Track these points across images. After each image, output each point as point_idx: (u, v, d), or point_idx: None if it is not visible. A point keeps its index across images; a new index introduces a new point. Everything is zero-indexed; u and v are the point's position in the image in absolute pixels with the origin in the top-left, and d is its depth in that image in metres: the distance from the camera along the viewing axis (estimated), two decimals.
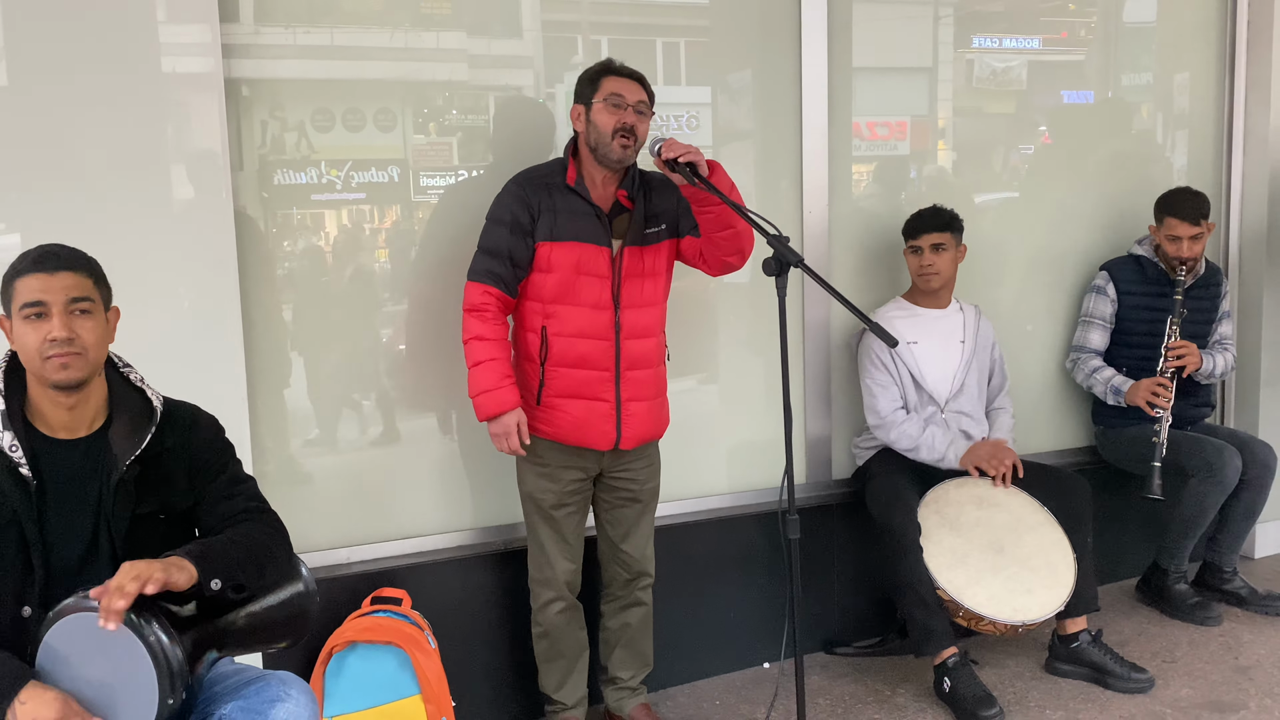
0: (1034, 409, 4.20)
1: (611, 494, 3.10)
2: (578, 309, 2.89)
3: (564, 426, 2.94)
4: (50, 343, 1.98)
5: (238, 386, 2.93)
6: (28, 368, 2.02)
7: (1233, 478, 3.79)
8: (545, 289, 2.91)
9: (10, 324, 2.03)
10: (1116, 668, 3.45)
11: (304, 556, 3.02)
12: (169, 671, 1.85)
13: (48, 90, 2.69)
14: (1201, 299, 4.04)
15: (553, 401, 2.94)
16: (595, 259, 2.89)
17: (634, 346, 2.95)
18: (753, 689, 3.56)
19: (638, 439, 3.01)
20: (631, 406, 2.97)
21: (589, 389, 2.93)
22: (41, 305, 1.99)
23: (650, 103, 2.94)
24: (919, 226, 3.61)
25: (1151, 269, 4.02)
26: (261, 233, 3.09)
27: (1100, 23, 4.35)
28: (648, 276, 2.97)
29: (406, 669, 2.86)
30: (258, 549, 2.10)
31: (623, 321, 2.92)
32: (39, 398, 2.05)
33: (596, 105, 2.87)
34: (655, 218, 2.98)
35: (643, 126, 2.89)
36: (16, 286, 2.00)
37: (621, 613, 3.21)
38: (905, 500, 3.42)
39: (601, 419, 2.94)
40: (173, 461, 2.13)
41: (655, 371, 3.03)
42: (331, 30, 3.13)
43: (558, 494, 3.00)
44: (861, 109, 3.88)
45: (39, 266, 2.00)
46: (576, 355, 2.91)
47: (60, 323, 1.98)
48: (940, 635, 3.34)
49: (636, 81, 2.91)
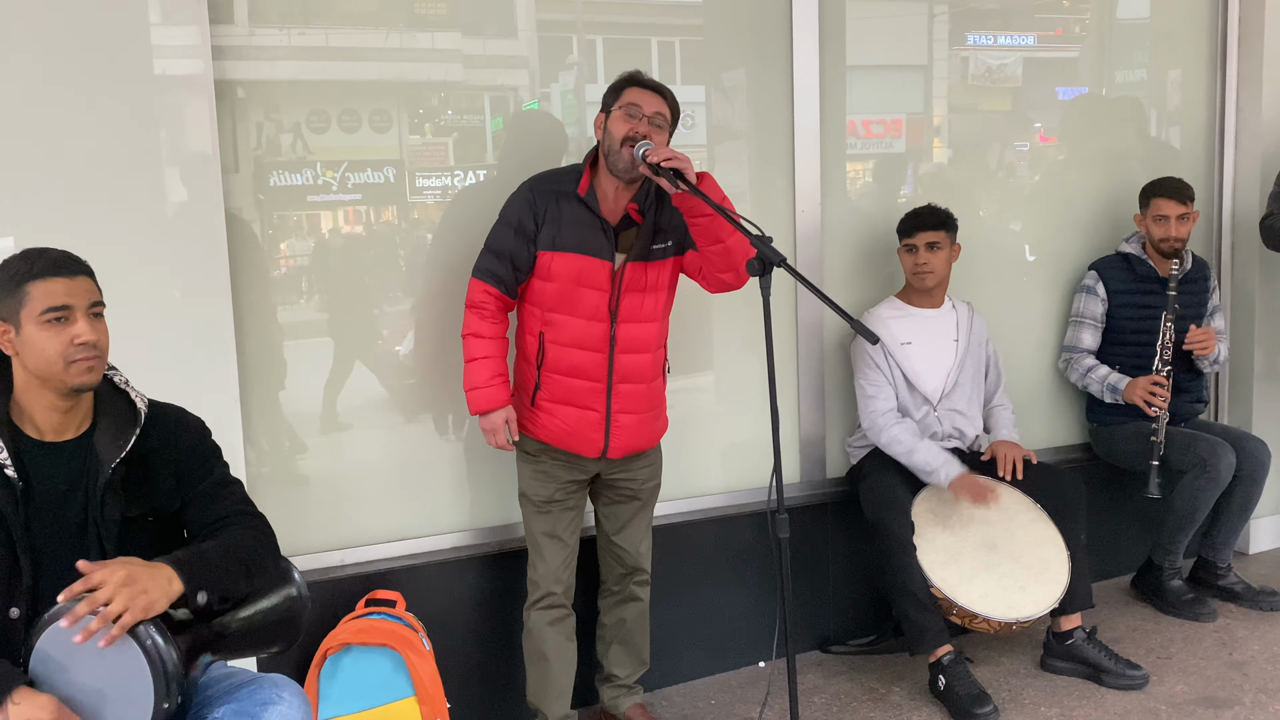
0: (1027, 406, 4.20)
1: (611, 490, 3.11)
2: (574, 319, 2.90)
3: (554, 431, 2.95)
4: (79, 346, 1.99)
5: (230, 388, 2.94)
6: (40, 372, 2.01)
7: (1227, 474, 3.80)
8: (545, 296, 2.91)
9: (13, 330, 2.00)
10: (1111, 665, 3.46)
11: (298, 558, 3.06)
12: (164, 675, 1.86)
13: (38, 92, 2.69)
14: (1190, 293, 4.05)
15: (545, 405, 2.95)
16: (595, 272, 2.88)
17: (628, 361, 2.95)
18: (748, 688, 3.57)
19: (625, 450, 3.01)
20: (621, 419, 2.96)
21: (580, 398, 2.93)
22: (67, 309, 1.99)
23: (672, 118, 2.91)
24: (914, 225, 3.61)
25: (1140, 266, 4.03)
26: (256, 234, 3.09)
27: (1094, 19, 4.36)
28: (648, 291, 2.96)
29: (401, 671, 2.86)
30: (245, 556, 2.10)
31: (618, 335, 2.92)
32: (33, 401, 2.04)
33: (614, 114, 2.86)
34: (663, 233, 2.96)
35: (658, 138, 2.84)
36: (32, 291, 1.98)
37: (617, 608, 3.22)
38: (898, 500, 3.43)
39: (590, 427, 2.94)
40: (159, 463, 2.13)
41: (649, 386, 3.02)
42: (326, 31, 3.13)
43: (551, 491, 3.01)
44: (856, 107, 3.88)
45: (59, 270, 1.99)
46: (570, 364, 2.91)
47: (88, 326, 2.00)
48: (934, 634, 3.34)
49: (659, 95, 2.88)
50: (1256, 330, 4.44)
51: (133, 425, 2.10)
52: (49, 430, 2.06)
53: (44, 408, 2.05)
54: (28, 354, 2.00)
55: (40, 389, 2.03)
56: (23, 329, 1.99)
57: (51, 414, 2.05)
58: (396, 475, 3.30)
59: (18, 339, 2.00)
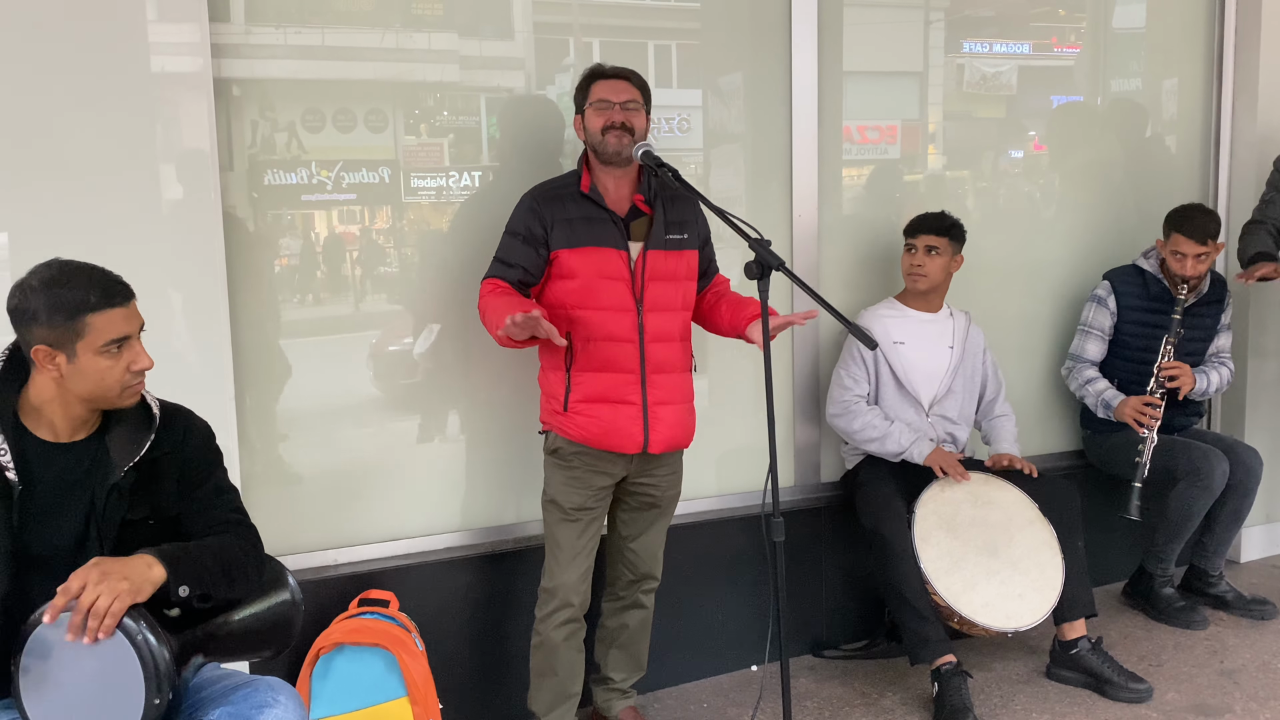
0: (1022, 413, 4.19)
1: (631, 498, 3.08)
2: (601, 312, 2.88)
3: (592, 431, 2.91)
4: (137, 373, 2.04)
5: (225, 386, 2.93)
6: (89, 394, 2.01)
7: (1220, 482, 3.81)
8: (569, 295, 2.90)
9: (65, 356, 1.98)
10: (1115, 676, 3.45)
11: (291, 557, 3.05)
12: (155, 671, 1.85)
13: (36, 89, 2.68)
14: (1204, 315, 4.03)
15: (579, 407, 2.92)
16: (613, 262, 2.88)
17: (659, 350, 2.93)
18: (740, 692, 3.56)
19: (666, 443, 2.97)
20: (659, 410, 2.94)
21: (615, 392, 2.90)
22: (126, 338, 2.02)
23: (644, 98, 2.93)
24: (918, 226, 3.63)
25: (1155, 285, 4.00)
26: (251, 233, 3.08)
27: (1090, 28, 4.37)
28: (671, 280, 2.96)
29: (394, 671, 2.85)
30: (227, 561, 2.09)
31: (646, 324, 2.91)
32: (55, 405, 2.03)
33: (588, 112, 2.90)
34: (678, 225, 2.97)
35: (637, 120, 2.88)
36: (94, 323, 1.97)
37: (621, 613, 3.21)
38: (894, 508, 3.43)
39: (629, 421, 2.91)
40: (166, 467, 2.13)
41: (682, 377, 3.01)
42: (323, 30, 3.12)
43: (584, 499, 2.97)
44: (852, 113, 3.88)
45: (113, 300, 1.99)
46: (602, 359, 2.89)
47: (143, 351, 2.04)
48: (935, 643, 3.34)
49: (624, 80, 2.91)
50: (1250, 341, 4.45)
51: (148, 429, 2.10)
52: (64, 432, 2.06)
53: (68, 415, 2.05)
54: (79, 379, 2.00)
55: (74, 402, 2.03)
56: (79, 358, 1.98)
57: (73, 420, 2.05)
58: (390, 475, 3.29)
59: (70, 366, 1.99)
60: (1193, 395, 3.98)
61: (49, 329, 1.96)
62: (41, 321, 1.96)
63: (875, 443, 3.56)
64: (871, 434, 3.56)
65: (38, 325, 1.96)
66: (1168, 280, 3.97)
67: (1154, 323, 3.96)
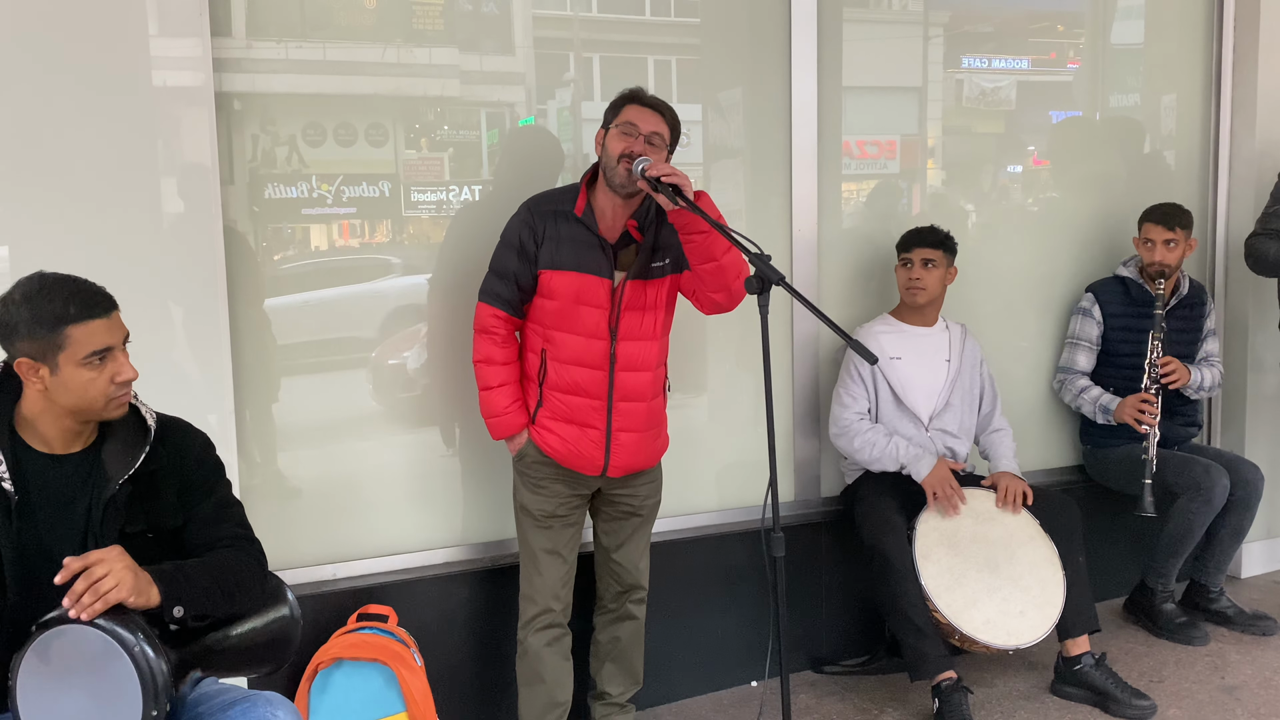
0: (1021, 428, 4.19)
1: (611, 507, 3.09)
2: (575, 337, 2.89)
3: (555, 448, 2.94)
4: (121, 384, 2.02)
5: (225, 400, 2.92)
6: (75, 407, 2.01)
7: (1221, 497, 3.81)
8: (546, 314, 2.91)
9: (48, 369, 1.97)
10: (1118, 693, 3.44)
11: (290, 572, 3.04)
12: (153, 685, 1.84)
13: (38, 103, 2.68)
14: (1186, 318, 4.07)
15: (546, 423, 2.94)
16: (594, 289, 2.87)
17: (628, 379, 2.94)
18: (740, 708, 3.55)
19: (625, 468, 3.00)
20: (621, 437, 2.95)
21: (581, 415, 2.92)
22: (109, 350, 2.00)
23: (671, 137, 2.88)
24: (912, 241, 3.64)
25: (1136, 290, 4.04)
26: (251, 247, 3.08)
27: (1089, 44, 4.39)
28: (647, 309, 2.95)
29: (392, 686, 2.84)
30: (230, 580, 2.07)
31: (618, 353, 2.91)
32: (46, 418, 2.03)
33: (613, 131, 2.85)
34: (661, 251, 2.95)
35: (655, 157, 2.81)
36: (74, 335, 1.96)
37: (612, 626, 3.20)
38: (895, 525, 3.42)
39: (591, 445, 2.93)
40: (164, 480, 2.12)
41: (650, 405, 3.01)
42: (324, 45, 3.13)
43: (553, 506, 2.99)
44: (851, 128, 3.89)
45: (93, 312, 1.98)
46: (571, 382, 2.91)
47: (127, 362, 2.03)
48: (935, 660, 3.33)
49: (659, 113, 2.86)
50: (1249, 355, 4.45)
51: (142, 442, 2.10)
52: (58, 444, 2.06)
53: (60, 428, 2.04)
54: (63, 392, 1.99)
55: (62, 415, 2.03)
56: (61, 370, 1.97)
57: (64, 432, 2.05)
58: (389, 489, 3.29)
59: (53, 378, 1.98)
60: (1188, 390, 4.00)
61: (30, 342, 1.96)
62: (23, 335, 1.96)
63: (876, 461, 3.56)
64: (872, 452, 3.55)
65: (19, 339, 1.96)
66: (1147, 282, 4.01)
67: (1139, 326, 3.99)
